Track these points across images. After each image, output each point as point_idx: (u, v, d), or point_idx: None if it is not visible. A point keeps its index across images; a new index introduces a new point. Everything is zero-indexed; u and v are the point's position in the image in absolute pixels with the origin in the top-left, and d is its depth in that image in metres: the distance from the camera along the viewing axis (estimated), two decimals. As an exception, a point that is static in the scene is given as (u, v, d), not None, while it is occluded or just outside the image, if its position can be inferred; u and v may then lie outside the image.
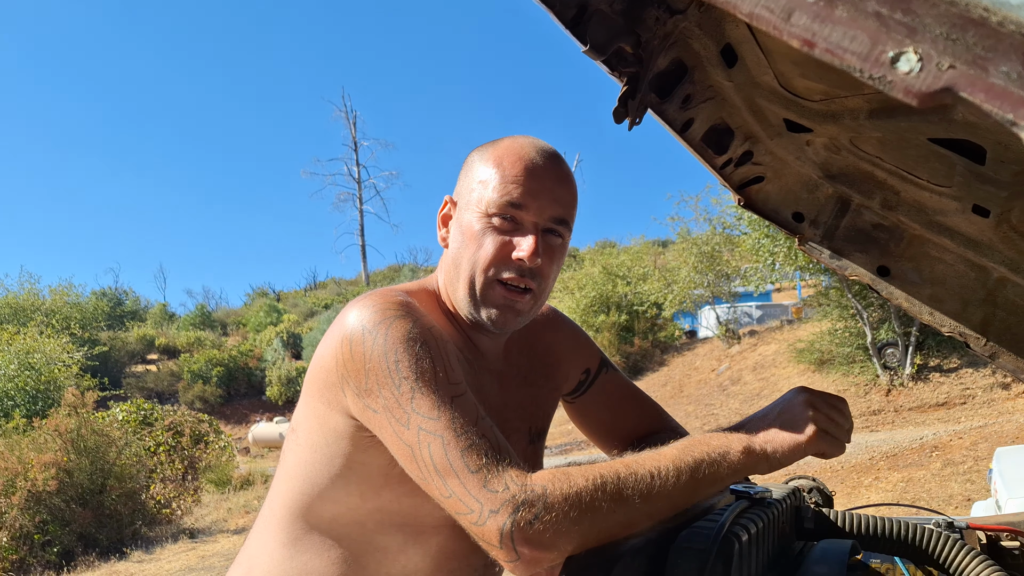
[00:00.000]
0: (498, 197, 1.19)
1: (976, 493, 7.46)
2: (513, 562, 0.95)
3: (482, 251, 1.20)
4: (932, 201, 1.42)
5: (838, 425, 1.13)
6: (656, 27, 1.29)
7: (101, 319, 36.06)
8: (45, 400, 16.66)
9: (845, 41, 0.46)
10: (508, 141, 1.25)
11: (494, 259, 1.20)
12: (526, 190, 1.19)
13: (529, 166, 1.21)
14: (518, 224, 1.20)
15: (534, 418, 1.38)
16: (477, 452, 0.99)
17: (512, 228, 1.20)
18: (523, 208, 1.19)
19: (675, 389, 20.30)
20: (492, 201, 1.19)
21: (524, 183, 1.19)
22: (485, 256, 1.20)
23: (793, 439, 1.09)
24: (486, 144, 1.28)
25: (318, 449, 1.17)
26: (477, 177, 1.23)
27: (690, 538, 0.99)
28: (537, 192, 1.20)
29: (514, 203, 1.19)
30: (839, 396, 1.17)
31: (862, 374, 15.22)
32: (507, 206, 1.19)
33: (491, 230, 1.20)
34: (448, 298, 1.28)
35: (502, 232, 1.20)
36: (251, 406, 29.58)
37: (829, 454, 1.12)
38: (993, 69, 0.40)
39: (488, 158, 1.23)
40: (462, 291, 1.23)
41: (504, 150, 1.23)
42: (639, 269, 25.28)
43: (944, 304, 1.56)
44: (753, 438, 1.09)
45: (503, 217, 1.19)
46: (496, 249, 1.19)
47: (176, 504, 12.40)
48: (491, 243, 1.19)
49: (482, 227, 1.20)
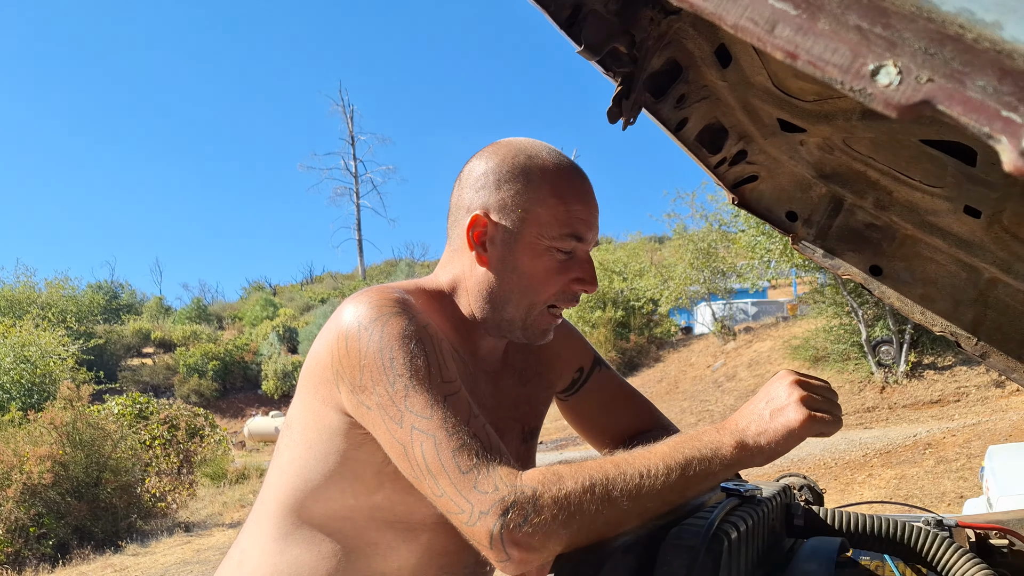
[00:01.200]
0: (560, 230, 1.21)
1: (968, 490, 7.49)
2: (503, 562, 0.96)
3: (546, 286, 1.23)
4: (924, 201, 1.43)
5: (827, 401, 1.09)
6: (650, 27, 1.30)
7: (97, 312, 35.97)
8: (41, 393, 16.63)
9: (827, 54, 0.47)
10: (551, 160, 1.25)
11: (556, 292, 1.24)
12: (584, 222, 1.23)
13: (584, 196, 1.24)
14: (572, 253, 1.24)
15: (527, 416, 1.39)
16: (468, 452, 1.00)
17: (567, 257, 1.24)
18: (582, 240, 1.24)
19: (670, 385, 20.33)
20: (555, 235, 1.21)
21: (582, 215, 1.23)
22: (550, 291, 1.24)
23: (785, 426, 1.05)
24: (519, 153, 1.25)
25: (312, 445, 1.18)
26: (531, 203, 1.21)
27: (680, 535, 1.00)
28: (592, 223, 1.25)
29: (577, 236, 1.22)
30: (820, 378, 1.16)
31: (857, 371, 15.26)
32: (570, 238, 1.22)
33: (552, 263, 1.23)
34: (464, 306, 1.28)
35: (562, 263, 1.23)
36: (247, 400, 29.58)
37: (827, 432, 1.08)
38: (970, 83, 0.41)
39: (541, 182, 1.22)
40: (510, 316, 1.25)
41: (559, 176, 1.23)
42: (635, 265, 25.30)
43: (936, 304, 1.57)
44: (745, 431, 1.07)
45: (564, 251, 1.23)
46: (561, 284, 1.24)
47: (171, 498, 12.41)
48: (555, 278, 1.23)
49: (546, 264, 1.23)
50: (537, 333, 1.27)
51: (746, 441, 1.06)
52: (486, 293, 1.25)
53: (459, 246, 1.28)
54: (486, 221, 1.22)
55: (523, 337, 1.28)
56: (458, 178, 1.29)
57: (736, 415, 1.12)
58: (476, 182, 1.24)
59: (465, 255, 1.26)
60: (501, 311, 1.25)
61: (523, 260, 1.22)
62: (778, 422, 1.06)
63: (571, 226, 1.21)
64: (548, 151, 1.26)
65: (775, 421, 1.06)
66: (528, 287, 1.23)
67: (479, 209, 1.23)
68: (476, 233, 1.23)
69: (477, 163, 1.26)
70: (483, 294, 1.25)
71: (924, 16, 0.43)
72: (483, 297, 1.25)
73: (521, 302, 1.24)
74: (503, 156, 1.24)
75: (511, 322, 1.25)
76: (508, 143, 1.27)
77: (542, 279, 1.23)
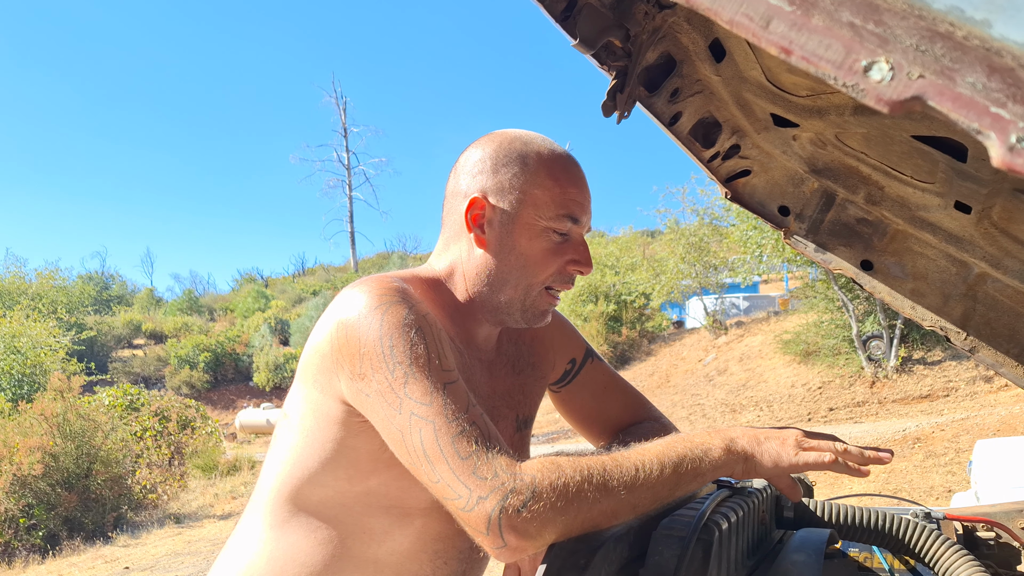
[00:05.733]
0: (556, 211, 1.24)
1: (957, 484, 7.54)
2: (499, 549, 0.97)
3: (544, 266, 1.26)
4: (915, 197, 1.45)
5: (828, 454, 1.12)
6: (645, 21, 1.30)
7: (88, 303, 35.80)
8: (31, 384, 16.57)
9: (820, 49, 0.48)
10: (546, 146, 1.28)
11: (554, 273, 1.26)
12: (580, 205, 1.26)
13: (578, 180, 1.27)
14: (567, 235, 1.26)
15: (521, 406, 1.40)
16: (467, 439, 1.01)
17: (563, 239, 1.26)
18: (578, 223, 1.26)
19: (662, 379, 20.38)
20: (552, 216, 1.24)
21: (578, 198, 1.26)
22: (547, 272, 1.26)
23: (774, 454, 1.10)
24: (515, 140, 1.28)
25: (310, 433, 1.19)
26: (528, 185, 1.24)
27: (671, 525, 1.02)
28: (586, 206, 1.27)
29: (573, 217, 1.25)
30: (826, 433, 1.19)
31: (847, 366, 15.32)
32: (566, 220, 1.24)
33: (549, 244, 1.25)
34: (461, 291, 1.29)
35: (558, 244, 1.26)
36: (238, 392, 29.49)
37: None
38: (960, 79, 0.42)
39: (538, 166, 1.25)
40: (508, 297, 1.27)
41: (554, 161, 1.26)
42: (627, 259, 25.31)
43: (926, 298, 1.59)
44: (736, 440, 1.11)
45: (560, 232, 1.25)
46: (558, 265, 1.26)
47: (162, 489, 12.39)
48: (552, 258, 1.26)
49: (543, 245, 1.25)
50: (536, 315, 1.29)
51: (734, 447, 1.10)
52: (484, 275, 1.27)
53: (456, 231, 1.30)
54: (484, 204, 1.25)
55: (522, 320, 1.29)
56: (454, 167, 1.32)
57: (733, 426, 1.17)
58: (473, 168, 1.27)
59: (463, 240, 1.29)
60: (499, 293, 1.27)
61: (521, 241, 1.25)
62: (770, 446, 1.11)
63: (567, 207, 1.24)
64: (542, 139, 1.29)
65: (767, 444, 1.12)
66: (526, 267, 1.25)
67: (477, 192, 1.25)
68: (475, 216, 1.26)
69: (473, 151, 1.29)
70: (481, 277, 1.27)
71: (915, 13, 0.44)
72: (481, 280, 1.27)
73: (519, 283, 1.26)
74: (499, 143, 1.27)
75: (510, 303, 1.27)
76: (503, 132, 1.30)
77: (539, 259, 1.25)
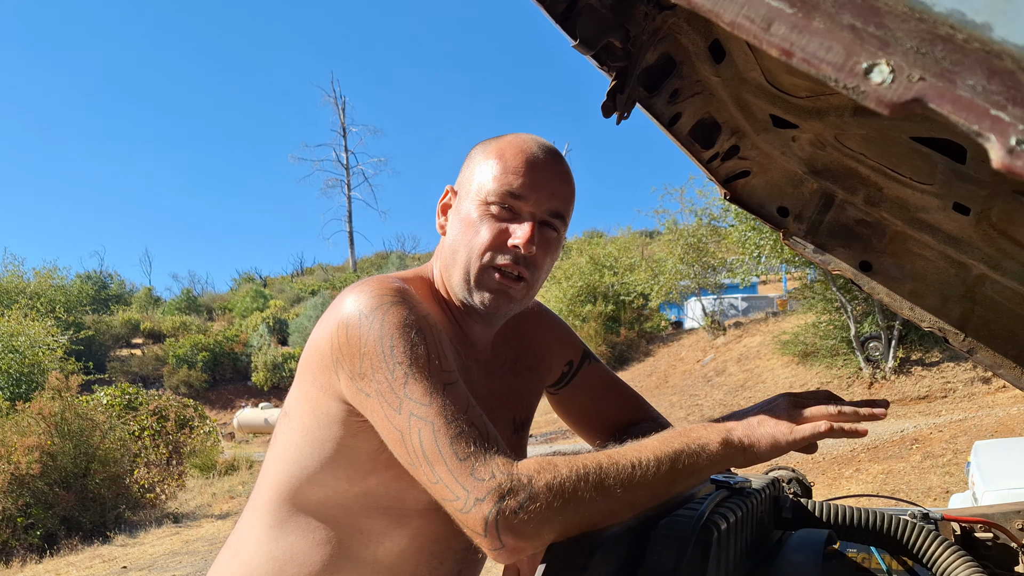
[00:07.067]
0: (498, 187, 1.22)
1: (955, 485, 7.55)
2: (497, 550, 0.97)
3: (479, 237, 1.23)
4: (914, 198, 1.45)
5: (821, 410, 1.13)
6: (645, 22, 1.30)
7: (86, 302, 35.73)
8: (29, 383, 16.53)
9: (821, 51, 0.48)
10: (511, 136, 1.29)
11: (490, 245, 1.23)
12: (525, 182, 1.23)
13: (530, 159, 1.24)
14: (516, 214, 1.24)
15: (519, 408, 1.40)
16: (466, 440, 1.01)
17: (510, 217, 1.23)
18: (522, 199, 1.23)
19: (660, 379, 20.39)
20: (492, 190, 1.23)
21: (524, 175, 1.23)
22: (482, 242, 1.23)
23: (771, 435, 1.11)
24: (489, 139, 1.31)
25: (309, 432, 1.19)
26: (478, 168, 1.26)
27: (670, 526, 1.02)
28: (536, 185, 1.24)
29: (513, 193, 1.22)
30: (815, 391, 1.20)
31: (845, 367, 15.33)
32: (506, 195, 1.22)
33: (489, 217, 1.23)
34: (444, 286, 1.31)
35: (500, 220, 1.23)
36: (236, 391, 29.47)
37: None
38: (960, 82, 0.42)
39: (490, 151, 1.27)
40: (458, 275, 1.25)
41: (507, 144, 1.26)
42: (626, 259, 25.31)
43: (924, 300, 1.59)
44: (732, 431, 1.11)
45: (502, 206, 1.23)
46: (493, 236, 1.23)
47: (160, 489, 12.37)
48: (488, 230, 1.23)
49: (480, 215, 1.24)
50: (488, 298, 1.24)
51: (732, 439, 1.10)
52: (445, 259, 1.29)
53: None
54: (449, 193, 1.32)
55: (477, 300, 1.25)
56: None
57: (728, 417, 1.17)
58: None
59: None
60: (452, 270, 1.27)
61: (465, 217, 1.26)
62: (764, 430, 1.12)
63: (508, 183, 1.22)
64: (526, 137, 1.29)
65: (762, 428, 1.12)
66: (463, 239, 1.25)
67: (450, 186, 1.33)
68: (444, 206, 1.33)
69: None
70: (444, 261, 1.29)
71: (916, 16, 0.44)
72: (444, 265, 1.29)
73: (461, 256, 1.25)
74: (485, 143, 1.31)
75: (461, 284, 1.26)
76: (500, 136, 1.31)
77: (475, 231, 1.24)
